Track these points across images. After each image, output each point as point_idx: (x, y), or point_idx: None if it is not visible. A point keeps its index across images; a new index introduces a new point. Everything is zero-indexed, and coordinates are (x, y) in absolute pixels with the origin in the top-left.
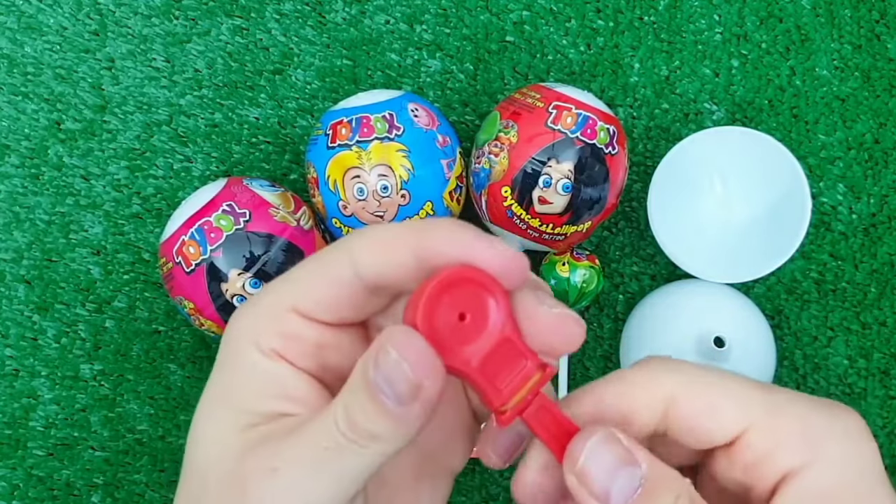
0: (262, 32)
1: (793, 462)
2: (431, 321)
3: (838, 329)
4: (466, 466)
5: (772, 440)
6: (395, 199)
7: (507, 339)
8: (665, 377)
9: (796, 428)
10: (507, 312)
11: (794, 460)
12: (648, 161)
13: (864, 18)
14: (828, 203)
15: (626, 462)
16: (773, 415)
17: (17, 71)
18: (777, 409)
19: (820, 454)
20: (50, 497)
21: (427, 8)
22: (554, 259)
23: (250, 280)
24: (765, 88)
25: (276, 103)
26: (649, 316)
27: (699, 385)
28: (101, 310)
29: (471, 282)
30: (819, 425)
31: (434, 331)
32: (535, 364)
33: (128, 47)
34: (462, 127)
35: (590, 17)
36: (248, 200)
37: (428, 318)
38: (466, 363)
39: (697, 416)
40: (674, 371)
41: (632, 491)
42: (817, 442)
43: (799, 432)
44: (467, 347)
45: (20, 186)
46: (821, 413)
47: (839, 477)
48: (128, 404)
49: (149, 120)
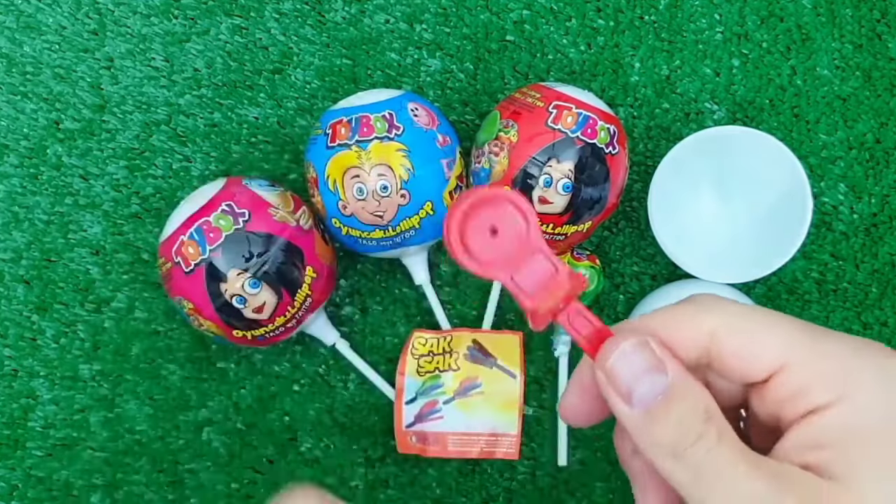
0: (261, 32)
1: (822, 399)
2: (465, 236)
3: (839, 329)
4: (466, 467)
5: (806, 377)
6: (395, 199)
7: (539, 250)
8: (709, 313)
9: (833, 367)
10: (535, 226)
11: (824, 397)
12: (649, 161)
13: (864, 18)
14: (829, 203)
15: (654, 367)
16: (812, 353)
17: (15, 70)
18: (816, 348)
19: (851, 393)
20: (49, 497)
21: (427, 7)
22: None
23: (249, 280)
24: (766, 88)
25: (275, 103)
26: None
27: (742, 322)
28: (100, 310)
29: (500, 199)
30: (856, 366)
31: (469, 243)
32: (565, 273)
33: (127, 47)
34: (462, 126)
35: (590, 17)
36: (248, 200)
37: (461, 233)
38: (501, 271)
39: (738, 351)
40: (718, 307)
41: (654, 395)
42: (851, 381)
43: (835, 371)
44: (501, 258)
45: (19, 186)
46: (861, 354)
47: (866, 416)
48: (127, 405)
49: (148, 119)
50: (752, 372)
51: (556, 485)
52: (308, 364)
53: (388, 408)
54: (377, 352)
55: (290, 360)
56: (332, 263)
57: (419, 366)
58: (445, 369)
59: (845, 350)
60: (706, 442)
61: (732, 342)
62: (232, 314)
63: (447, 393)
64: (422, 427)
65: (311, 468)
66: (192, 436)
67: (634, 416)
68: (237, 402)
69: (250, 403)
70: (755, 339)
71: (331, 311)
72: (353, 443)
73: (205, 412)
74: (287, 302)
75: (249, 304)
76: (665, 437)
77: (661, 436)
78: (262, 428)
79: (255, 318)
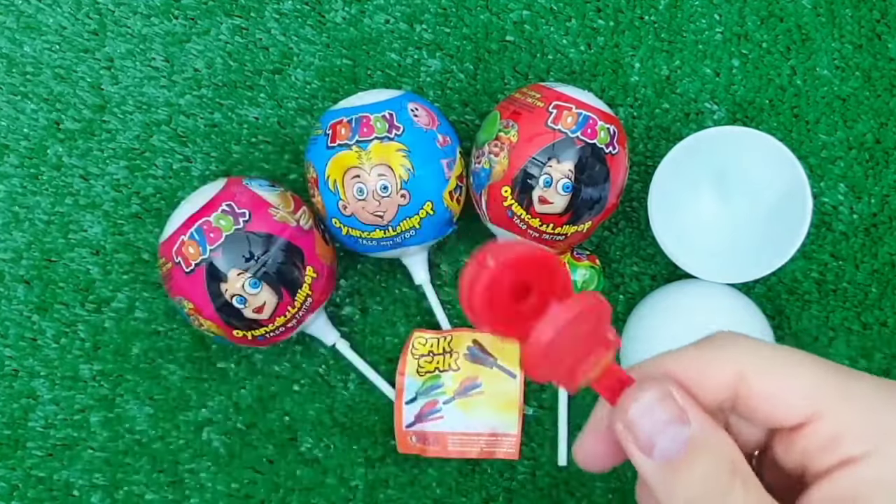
0: (261, 32)
1: (855, 451)
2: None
3: (839, 329)
4: (466, 467)
5: (837, 428)
6: (395, 199)
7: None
8: (736, 353)
9: (864, 418)
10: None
11: (857, 449)
12: (649, 161)
13: (864, 18)
14: (829, 203)
15: (677, 419)
16: (843, 402)
17: (16, 70)
18: (847, 396)
19: (884, 444)
20: (49, 497)
21: (427, 7)
22: None
23: (250, 280)
24: (765, 88)
25: (275, 103)
26: (649, 316)
27: (771, 366)
28: (101, 310)
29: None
30: (891, 416)
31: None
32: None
33: (127, 47)
34: (462, 127)
35: (590, 17)
36: (248, 200)
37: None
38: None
39: (768, 398)
40: (746, 349)
41: (677, 447)
42: (884, 432)
43: (868, 421)
44: (531, 323)
45: (19, 186)
46: (892, 402)
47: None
48: (127, 405)
49: (148, 120)
50: (782, 417)
51: (556, 485)
52: (308, 364)
53: (388, 408)
54: (377, 352)
55: (291, 360)
56: (333, 263)
57: (419, 366)
58: (445, 369)
59: (878, 396)
60: (733, 497)
61: (761, 385)
62: (232, 314)
63: (447, 393)
64: (422, 427)
65: (311, 468)
66: (192, 436)
67: (656, 469)
68: (237, 402)
69: (250, 403)
70: (785, 382)
71: (331, 311)
72: (353, 443)
73: (205, 412)
74: (287, 302)
75: (250, 304)
76: (689, 491)
77: (685, 490)
78: (262, 428)
79: (255, 318)
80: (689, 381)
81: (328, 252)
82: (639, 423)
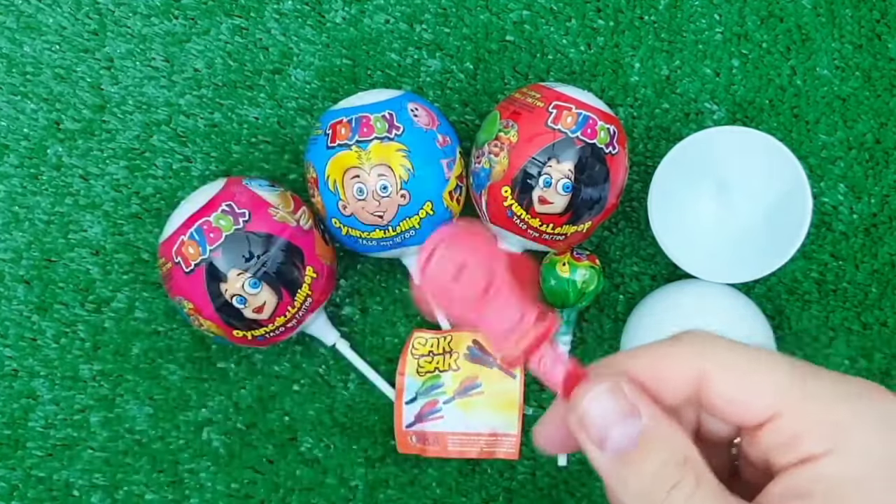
0: (261, 32)
1: (815, 449)
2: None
3: (839, 329)
4: (466, 467)
5: (798, 426)
6: (395, 199)
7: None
8: (697, 354)
9: (825, 415)
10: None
11: (816, 447)
12: (649, 161)
13: (864, 18)
14: (829, 203)
15: (627, 413)
16: (801, 401)
17: (16, 70)
18: (806, 395)
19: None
20: (49, 497)
21: (427, 7)
22: (554, 259)
23: (250, 280)
24: (765, 88)
25: (275, 103)
26: (649, 316)
27: (731, 366)
28: (100, 310)
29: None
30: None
31: (437, 284)
32: (534, 315)
33: (127, 47)
34: (462, 127)
35: (590, 17)
36: (248, 200)
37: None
38: (471, 313)
39: (729, 398)
40: (707, 349)
41: (628, 440)
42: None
43: (827, 420)
44: (471, 299)
45: (19, 186)
46: (853, 400)
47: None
48: (127, 405)
49: (148, 120)
50: (742, 417)
51: (556, 485)
52: (308, 364)
53: (388, 408)
54: (377, 352)
55: (290, 360)
56: (333, 263)
57: (419, 366)
58: (445, 369)
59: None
60: (684, 489)
61: (722, 386)
62: (232, 314)
63: (447, 393)
64: (422, 427)
65: (311, 468)
66: (192, 436)
67: (609, 462)
68: (237, 402)
69: (250, 403)
70: (746, 383)
71: (331, 311)
72: (353, 443)
73: (205, 412)
74: (287, 302)
75: (249, 304)
76: (640, 484)
77: (635, 483)
78: (262, 428)
79: (255, 318)
80: (646, 378)
81: (328, 252)
82: (591, 417)
